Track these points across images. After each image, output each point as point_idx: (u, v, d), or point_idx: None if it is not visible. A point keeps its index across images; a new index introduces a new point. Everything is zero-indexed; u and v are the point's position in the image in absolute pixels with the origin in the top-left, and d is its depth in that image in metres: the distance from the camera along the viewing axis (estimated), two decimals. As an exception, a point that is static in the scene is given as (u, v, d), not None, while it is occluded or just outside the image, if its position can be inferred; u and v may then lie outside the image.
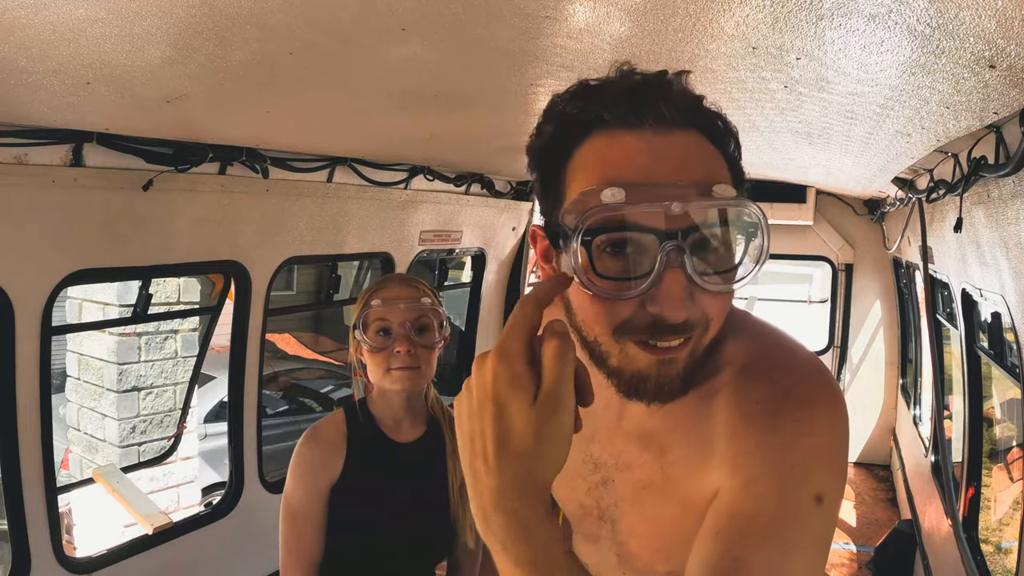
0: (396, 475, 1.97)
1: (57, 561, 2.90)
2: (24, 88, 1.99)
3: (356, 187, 4.19)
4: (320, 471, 1.91)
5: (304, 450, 1.92)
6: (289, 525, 1.91)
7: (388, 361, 1.93)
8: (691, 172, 0.85)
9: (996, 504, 3.89)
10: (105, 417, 6.80)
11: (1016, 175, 1.98)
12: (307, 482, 1.90)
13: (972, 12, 1.24)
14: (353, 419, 1.98)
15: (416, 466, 2.00)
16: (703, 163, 0.87)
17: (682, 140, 0.88)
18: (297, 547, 1.90)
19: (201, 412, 7.29)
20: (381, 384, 1.97)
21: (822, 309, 8.88)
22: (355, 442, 1.95)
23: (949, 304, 3.97)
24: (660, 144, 0.86)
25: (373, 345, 1.94)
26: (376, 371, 1.96)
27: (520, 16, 1.56)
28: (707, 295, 0.86)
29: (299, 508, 1.90)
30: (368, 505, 1.93)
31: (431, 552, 2.06)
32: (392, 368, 1.93)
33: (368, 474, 1.94)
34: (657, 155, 0.86)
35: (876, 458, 7.48)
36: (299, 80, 2.13)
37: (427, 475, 2.01)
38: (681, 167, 0.85)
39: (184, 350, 7.02)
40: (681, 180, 0.83)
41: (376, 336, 1.93)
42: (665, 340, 0.87)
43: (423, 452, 2.01)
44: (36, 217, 2.72)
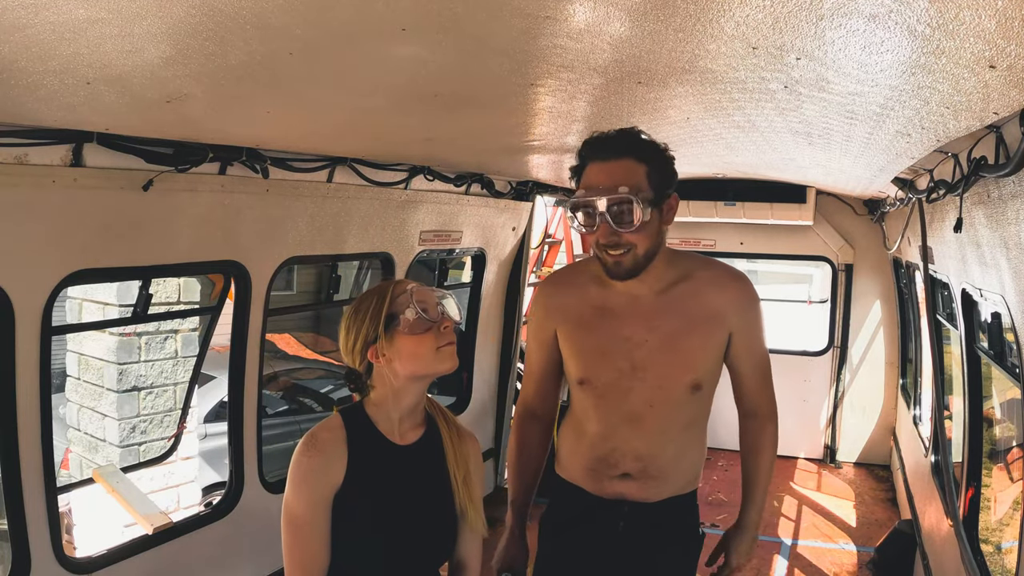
0: (400, 479, 1.96)
1: (57, 561, 2.90)
2: (24, 88, 1.99)
3: (356, 187, 4.19)
4: (322, 479, 1.88)
5: (304, 459, 1.89)
6: (292, 535, 1.88)
7: (438, 339, 1.92)
8: (613, 180, 2.00)
9: (996, 504, 3.88)
10: (105, 417, 6.80)
11: (1016, 175, 1.98)
12: (309, 491, 1.87)
13: (972, 12, 1.24)
14: (351, 424, 1.95)
15: (419, 468, 2.00)
16: (622, 175, 2.01)
17: (619, 164, 2.03)
18: (302, 557, 1.88)
19: (201, 412, 7.29)
20: (430, 367, 1.94)
21: (822, 309, 8.88)
22: (356, 448, 1.92)
23: (949, 304, 3.97)
24: (602, 166, 2.05)
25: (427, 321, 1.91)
26: (421, 352, 1.92)
27: (520, 16, 1.56)
28: (625, 233, 2.02)
29: (302, 517, 1.87)
30: (374, 511, 1.92)
31: (438, 552, 2.06)
32: (442, 345, 1.93)
33: (372, 480, 1.92)
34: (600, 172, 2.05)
35: (876, 458, 7.48)
36: (299, 80, 2.13)
37: (430, 476, 2.01)
38: (609, 177, 2.01)
39: (184, 350, 7.02)
40: (605, 184, 2.02)
41: (421, 315, 1.92)
42: (612, 252, 2.06)
43: (424, 453, 2.02)
44: (36, 217, 2.72)
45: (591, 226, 2.04)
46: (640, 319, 2.17)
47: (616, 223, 1.98)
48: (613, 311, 2.20)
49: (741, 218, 6.99)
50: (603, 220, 1.99)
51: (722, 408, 6.99)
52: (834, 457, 7.58)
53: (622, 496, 2.30)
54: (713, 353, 2.23)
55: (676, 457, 2.32)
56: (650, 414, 2.21)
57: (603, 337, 2.21)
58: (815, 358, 7.65)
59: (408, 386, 1.96)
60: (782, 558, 5.48)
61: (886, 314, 7.39)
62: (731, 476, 7.14)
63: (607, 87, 2.34)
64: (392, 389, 1.96)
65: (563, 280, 2.45)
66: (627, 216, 1.98)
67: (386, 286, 1.98)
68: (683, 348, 2.17)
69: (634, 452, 2.25)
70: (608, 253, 2.05)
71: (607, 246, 2.04)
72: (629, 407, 2.20)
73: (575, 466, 2.38)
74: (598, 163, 2.04)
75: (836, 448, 7.60)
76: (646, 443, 2.24)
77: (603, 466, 2.30)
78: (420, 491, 1.99)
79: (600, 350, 2.22)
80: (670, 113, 2.82)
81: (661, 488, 2.31)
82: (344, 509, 1.89)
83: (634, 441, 2.24)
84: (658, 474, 2.29)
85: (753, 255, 8.94)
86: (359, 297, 2.01)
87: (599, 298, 2.23)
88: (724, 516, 6.18)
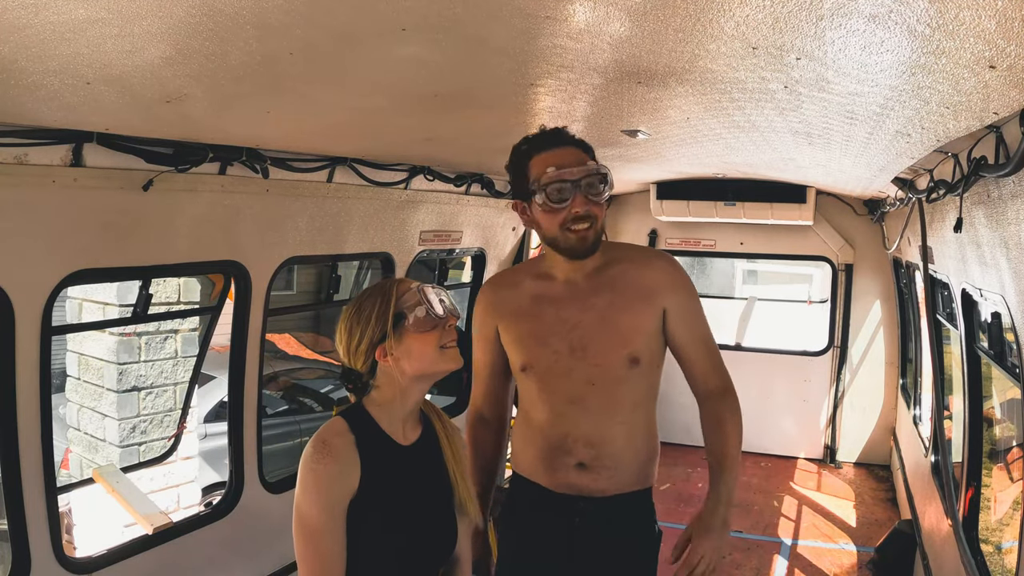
0: (409, 480, 1.97)
1: (57, 561, 2.90)
2: (24, 88, 1.99)
3: (356, 187, 4.19)
4: (338, 487, 1.85)
5: (319, 467, 1.84)
6: (308, 544, 1.84)
7: (442, 338, 1.93)
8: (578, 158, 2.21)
9: (996, 504, 3.88)
10: (105, 417, 6.80)
11: (1016, 175, 1.98)
12: (325, 499, 1.83)
13: (972, 12, 1.24)
14: (358, 428, 1.92)
15: (423, 467, 2.01)
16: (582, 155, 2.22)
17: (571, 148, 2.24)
18: (320, 566, 1.84)
19: (201, 412, 7.29)
20: (436, 366, 1.94)
21: (822, 309, 8.88)
22: (367, 453, 1.89)
23: (949, 304, 3.97)
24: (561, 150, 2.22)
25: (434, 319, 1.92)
26: (428, 351, 1.92)
27: (520, 16, 1.56)
28: (592, 206, 2.19)
29: (318, 526, 1.83)
30: (390, 514, 1.91)
31: (447, 547, 2.06)
32: (447, 345, 1.94)
33: (385, 484, 1.91)
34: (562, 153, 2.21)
35: (876, 458, 7.48)
36: (299, 80, 2.13)
37: (433, 474, 2.04)
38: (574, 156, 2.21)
39: (184, 350, 7.03)
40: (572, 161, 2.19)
41: (429, 315, 1.92)
42: (579, 226, 2.19)
43: (425, 451, 2.03)
44: (36, 217, 2.72)
45: (564, 201, 2.15)
46: (575, 301, 2.30)
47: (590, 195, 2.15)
48: (549, 298, 2.32)
49: (741, 218, 6.99)
50: (577, 192, 2.14)
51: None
52: (834, 457, 7.58)
53: (577, 489, 2.32)
54: (647, 327, 2.31)
55: (626, 443, 2.34)
56: (592, 393, 2.28)
57: (540, 322, 2.32)
58: (815, 358, 7.64)
59: (414, 385, 1.96)
60: (782, 558, 5.48)
61: (886, 314, 7.39)
62: (731, 476, 7.14)
63: (607, 87, 2.34)
64: (399, 389, 1.95)
65: (501, 281, 2.55)
66: (596, 188, 2.16)
67: (388, 285, 1.97)
68: (617, 323, 2.27)
69: (584, 437, 2.30)
70: (574, 229, 2.18)
71: (578, 219, 2.17)
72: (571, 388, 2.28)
73: (529, 457, 2.41)
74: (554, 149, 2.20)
75: (836, 448, 7.60)
76: (594, 425, 2.29)
77: (557, 454, 2.34)
78: (426, 490, 2.01)
79: (538, 334, 2.32)
80: (670, 113, 2.82)
81: (615, 479, 2.33)
82: (360, 514, 1.87)
83: (583, 424, 2.29)
84: (611, 463, 2.32)
85: (753, 255, 8.95)
86: (358, 298, 1.99)
87: (536, 289, 2.36)
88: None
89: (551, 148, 2.20)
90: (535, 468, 2.39)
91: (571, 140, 2.24)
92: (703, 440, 2.44)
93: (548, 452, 2.35)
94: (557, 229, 2.21)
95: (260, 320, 3.84)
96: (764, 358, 7.74)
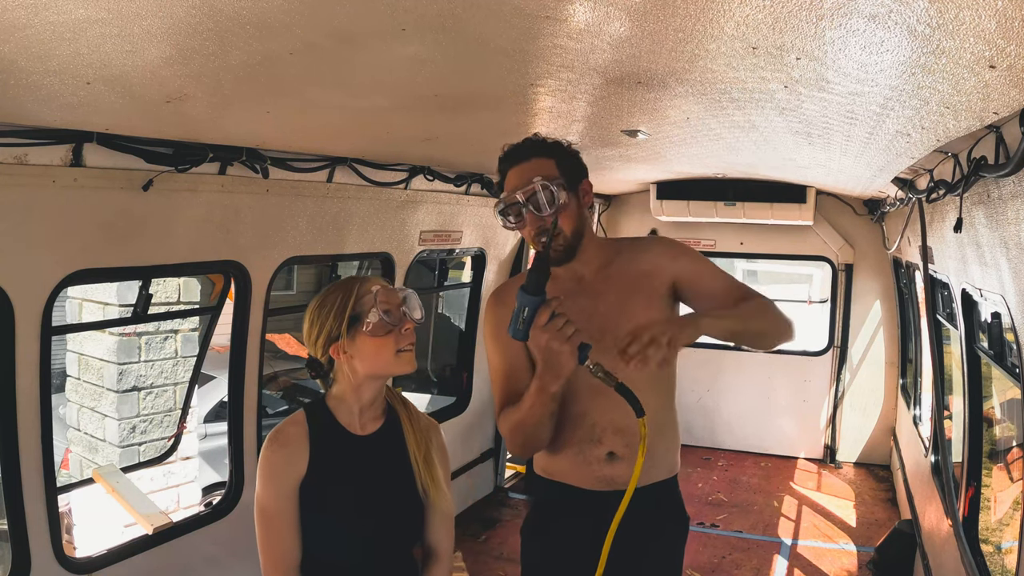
0: (361, 468, 2.05)
1: (57, 561, 2.90)
2: (24, 88, 1.99)
3: (356, 187, 4.19)
4: (287, 472, 1.97)
5: (269, 453, 1.99)
6: (264, 527, 1.98)
7: (397, 342, 1.99)
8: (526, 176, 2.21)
9: (996, 504, 3.88)
10: (105, 417, 6.80)
11: (1016, 175, 1.98)
12: (276, 484, 1.97)
13: (972, 12, 1.24)
14: (313, 419, 2.05)
15: (381, 456, 2.08)
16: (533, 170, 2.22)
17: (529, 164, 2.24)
18: (273, 548, 1.98)
19: (201, 412, 7.29)
20: (389, 369, 2.02)
21: (822, 309, 8.88)
22: (318, 441, 2.01)
23: (949, 304, 3.97)
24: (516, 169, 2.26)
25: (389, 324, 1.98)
26: (383, 354, 1.99)
27: (520, 16, 1.56)
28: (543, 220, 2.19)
29: (271, 510, 1.97)
30: (337, 499, 2.00)
31: (406, 536, 2.14)
32: (403, 348, 2.00)
33: (334, 470, 2.01)
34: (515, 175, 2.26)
35: (876, 458, 7.48)
36: (299, 80, 2.13)
37: (393, 462, 2.09)
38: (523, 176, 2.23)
39: (184, 350, 7.03)
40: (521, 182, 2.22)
41: (384, 318, 1.98)
42: (543, 239, 2.19)
43: (385, 442, 2.10)
44: (36, 217, 2.72)
45: (520, 221, 2.24)
46: (587, 295, 2.33)
47: (537, 210, 2.20)
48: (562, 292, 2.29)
49: (741, 218, 6.99)
50: (527, 211, 2.21)
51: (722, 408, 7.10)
52: (834, 457, 7.58)
53: (609, 482, 2.31)
54: (659, 307, 2.33)
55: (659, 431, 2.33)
56: None
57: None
58: (815, 358, 7.64)
59: (368, 383, 2.04)
60: (782, 558, 5.48)
61: (886, 314, 7.39)
62: (731, 476, 7.15)
63: (607, 87, 2.34)
64: (352, 384, 2.04)
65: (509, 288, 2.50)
66: (544, 201, 2.20)
67: (352, 284, 2.04)
68: (630, 309, 2.30)
69: (613, 425, 2.30)
70: (541, 241, 2.22)
71: (538, 234, 2.22)
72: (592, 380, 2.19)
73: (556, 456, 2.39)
74: (513, 168, 2.27)
75: (836, 448, 7.60)
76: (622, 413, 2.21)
77: (587, 447, 2.33)
78: (383, 478, 2.07)
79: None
80: (670, 113, 2.82)
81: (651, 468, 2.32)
82: (309, 499, 1.98)
83: (609, 412, 2.28)
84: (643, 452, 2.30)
85: (753, 255, 8.93)
86: (325, 291, 2.07)
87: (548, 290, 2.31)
88: (724, 516, 6.19)
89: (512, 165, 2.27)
90: (563, 467, 2.37)
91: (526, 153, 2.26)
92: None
93: (577, 446, 2.34)
94: (531, 242, 2.28)
95: (260, 320, 3.84)
96: (764, 358, 7.74)
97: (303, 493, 1.98)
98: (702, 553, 5.46)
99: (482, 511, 6.17)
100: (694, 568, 5.22)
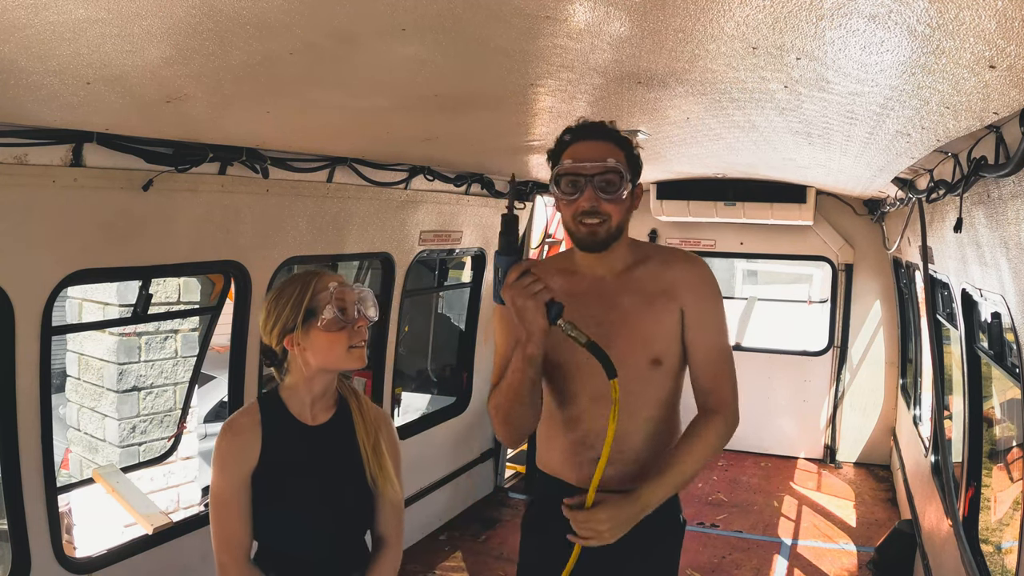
0: (311, 456, 2.11)
1: (57, 561, 2.90)
2: (24, 88, 1.99)
3: (356, 187, 4.19)
4: (239, 460, 2.06)
5: (222, 442, 2.08)
6: (216, 513, 2.07)
7: (350, 338, 2.06)
8: (601, 154, 2.14)
9: (996, 504, 3.89)
10: (105, 417, 6.79)
11: (1016, 175, 1.98)
12: (228, 472, 2.05)
13: (972, 12, 1.24)
14: (266, 409, 2.12)
15: (331, 445, 2.14)
16: (608, 151, 2.15)
17: (605, 145, 2.17)
18: (225, 533, 2.06)
19: (201, 412, 7.28)
20: (340, 364, 2.08)
21: (822, 309, 8.88)
22: (269, 430, 2.09)
23: (949, 304, 3.97)
24: (590, 144, 2.17)
25: (342, 321, 2.04)
26: (334, 350, 2.05)
27: (520, 16, 1.56)
28: (602, 202, 2.14)
29: (224, 496, 2.05)
30: (286, 486, 2.08)
31: (356, 522, 2.20)
32: (354, 345, 2.06)
33: (284, 458, 2.08)
34: (588, 147, 2.16)
35: (876, 458, 7.48)
36: (299, 80, 2.13)
37: (342, 451, 2.15)
38: (598, 151, 2.14)
39: (184, 350, 7.02)
40: (594, 156, 2.14)
41: (338, 315, 2.04)
42: (589, 220, 2.15)
43: (335, 431, 2.16)
44: (36, 217, 2.72)
45: (574, 194, 2.15)
46: (602, 299, 2.29)
47: (601, 191, 2.14)
48: (577, 294, 2.29)
49: (741, 218, 6.99)
50: (589, 187, 2.13)
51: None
52: (834, 457, 7.58)
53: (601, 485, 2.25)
54: (668, 328, 2.30)
55: (648, 440, 2.32)
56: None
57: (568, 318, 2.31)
58: (815, 358, 7.64)
59: (319, 375, 2.10)
60: (782, 558, 5.48)
61: (886, 314, 7.39)
62: (731, 476, 7.15)
63: (607, 87, 2.34)
64: (304, 376, 2.09)
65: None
66: (611, 187, 2.14)
67: (310, 278, 2.09)
68: (640, 324, 2.27)
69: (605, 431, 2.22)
70: (584, 223, 2.16)
71: (587, 214, 2.15)
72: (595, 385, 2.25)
73: (553, 453, 2.41)
74: (584, 142, 2.19)
75: (836, 448, 7.60)
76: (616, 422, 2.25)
77: (580, 449, 2.34)
78: (332, 466, 2.13)
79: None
80: (670, 113, 2.82)
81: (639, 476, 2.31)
82: (260, 486, 2.06)
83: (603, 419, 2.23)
84: (633, 458, 2.31)
85: (753, 255, 8.94)
86: (284, 281, 2.13)
87: (564, 284, 2.31)
88: (724, 516, 6.19)
89: (582, 140, 2.20)
90: (559, 464, 2.39)
91: (603, 134, 2.21)
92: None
93: (571, 448, 2.35)
94: (570, 220, 2.21)
95: (260, 320, 3.84)
96: (764, 358, 7.74)
97: (255, 481, 2.06)
98: (702, 553, 5.46)
99: (482, 511, 6.17)
100: (694, 568, 5.22)
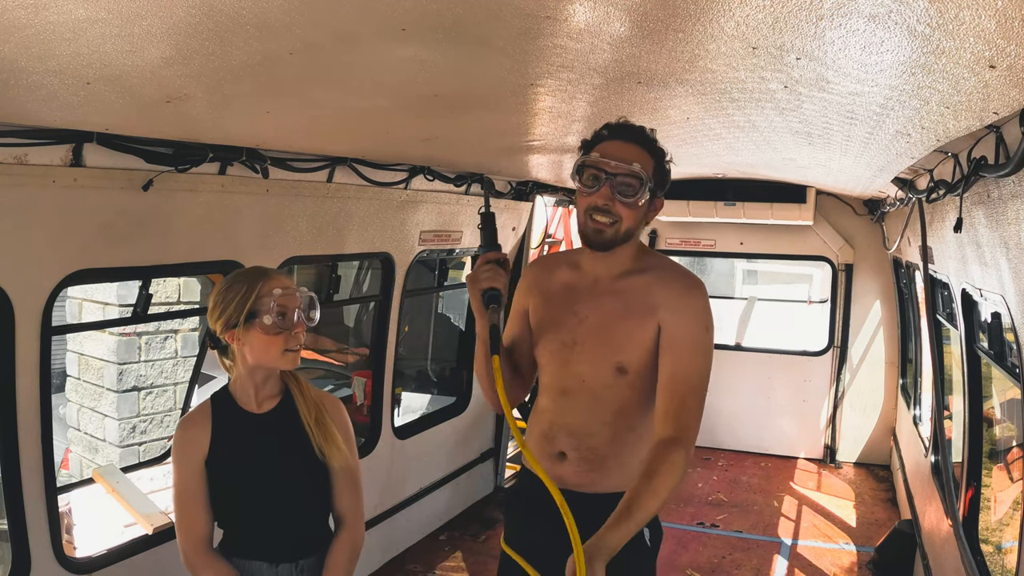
0: (260, 442, 2.25)
1: (57, 561, 2.90)
2: (24, 88, 1.99)
3: (356, 187, 4.19)
4: (192, 451, 2.21)
5: (176, 437, 2.25)
6: (176, 504, 2.23)
7: (287, 342, 2.20)
8: (629, 156, 2.16)
9: (996, 504, 3.88)
10: (105, 417, 6.80)
11: (1016, 175, 1.98)
12: (183, 464, 2.21)
13: (972, 12, 1.24)
14: (217, 403, 2.28)
15: (277, 429, 2.27)
16: (637, 156, 2.17)
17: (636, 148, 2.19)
18: (184, 522, 2.21)
19: (201, 412, 7.27)
20: (274, 364, 2.22)
21: (822, 309, 8.87)
22: (219, 421, 2.24)
23: (949, 304, 3.97)
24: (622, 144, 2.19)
25: (280, 327, 2.17)
26: (271, 351, 2.19)
27: (520, 16, 1.56)
28: (615, 203, 2.15)
29: (181, 487, 2.21)
30: (236, 471, 2.22)
31: (313, 499, 2.31)
32: (290, 348, 2.21)
33: (233, 445, 2.23)
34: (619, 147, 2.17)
35: (876, 458, 7.48)
36: (299, 80, 2.13)
37: (289, 433, 2.27)
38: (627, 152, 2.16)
39: (184, 350, 7.03)
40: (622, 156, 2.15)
41: (277, 320, 2.17)
42: (599, 218, 2.17)
43: (282, 416, 2.29)
44: (36, 217, 2.72)
45: (592, 187, 2.17)
46: (590, 298, 2.32)
47: (619, 193, 2.15)
48: (573, 289, 2.36)
49: (741, 218, 6.99)
50: (607, 185, 2.14)
51: (722, 408, 7.11)
52: (834, 457, 7.59)
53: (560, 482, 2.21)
54: (640, 340, 2.25)
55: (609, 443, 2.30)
56: (580, 389, 2.31)
57: (557, 310, 2.37)
58: (815, 358, 7.64)
59: (256, 369, 2.24)
60: (782, 558, 5.48)
61: (886, 314, 7.39)
62: (731, 476, 7.15)
63: (607, 87, 2.34)
64: (246, 367, 2.24)
65: (544, 263, 2.62)
66: (630, 190, 2.15)
67: (257, 278, 2.21)
68: (614, 330, 2.28)
69: (567, 427, 2.33)
70: (595, 219, 2.18)
71: (599, 210, 2.17)
72: (565, 379, 2.33)
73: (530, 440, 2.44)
74: (617, 140, 2.20)
75: (836, 448, 7.60)
76: (577, 419, 2.31)
77: (544, 441, 2.37)
78: (280, 447, 2.26)
79: (552, 321, 2.37)
80: (670, 113, 2.82)
81: (599, 478, 2.27)
82: (213, 473, 2.21)
83: (567, 415, 2.32)
84: (592, 457, 2.29)
85: (753, 255, 8.94)
86: (232, 276, 2.26)
87: (568, 278, 2.39)
88: (724, 516, 6.19)
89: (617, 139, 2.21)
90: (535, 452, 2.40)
91: (638, 138, 2.21)
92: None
93: (540, 438, 2.38)
94: (582, 213, 2.22)
95: (260, 320, 3.84)
96: (764, 358, 7.74)
97: (209, 470, 2.21)
98: (702, 553, 5.46)
99: (482, 511, 6.17)
100: (694, 568, 5.22)
